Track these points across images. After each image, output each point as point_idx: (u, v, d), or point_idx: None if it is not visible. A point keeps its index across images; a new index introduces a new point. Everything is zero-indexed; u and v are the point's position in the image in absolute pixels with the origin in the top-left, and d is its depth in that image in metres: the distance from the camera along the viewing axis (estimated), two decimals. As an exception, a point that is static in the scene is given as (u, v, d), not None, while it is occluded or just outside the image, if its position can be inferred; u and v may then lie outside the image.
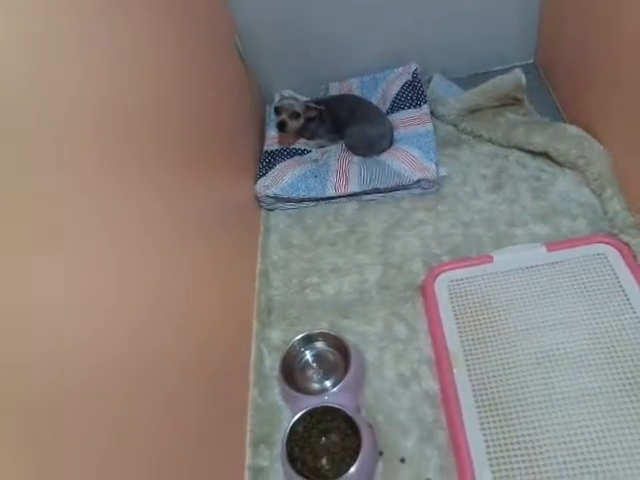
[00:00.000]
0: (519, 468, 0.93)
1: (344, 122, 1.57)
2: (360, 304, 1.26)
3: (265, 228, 1.49)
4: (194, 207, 1.06)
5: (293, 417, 1.04)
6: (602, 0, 1.21)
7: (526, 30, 1.70)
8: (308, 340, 1.17)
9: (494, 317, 1.13)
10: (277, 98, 1.69)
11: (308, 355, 1.17)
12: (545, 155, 1.41)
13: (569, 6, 1.42)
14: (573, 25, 1.43)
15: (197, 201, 1.08)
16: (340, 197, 1.48)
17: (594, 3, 1.26)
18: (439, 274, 1.23)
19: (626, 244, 1.16)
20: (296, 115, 1.54)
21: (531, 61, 1.77)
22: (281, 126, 1.55)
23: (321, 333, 1.17)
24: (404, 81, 1.66)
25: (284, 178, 1.50)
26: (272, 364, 1.20)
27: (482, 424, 0.98)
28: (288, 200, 1.50)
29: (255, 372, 1.18)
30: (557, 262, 1.17)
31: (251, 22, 1.63)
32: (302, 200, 1.50)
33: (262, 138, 1.71)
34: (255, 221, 1.50)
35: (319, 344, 1.17)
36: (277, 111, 1.56)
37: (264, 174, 1.53)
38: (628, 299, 1.08)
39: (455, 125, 1.59)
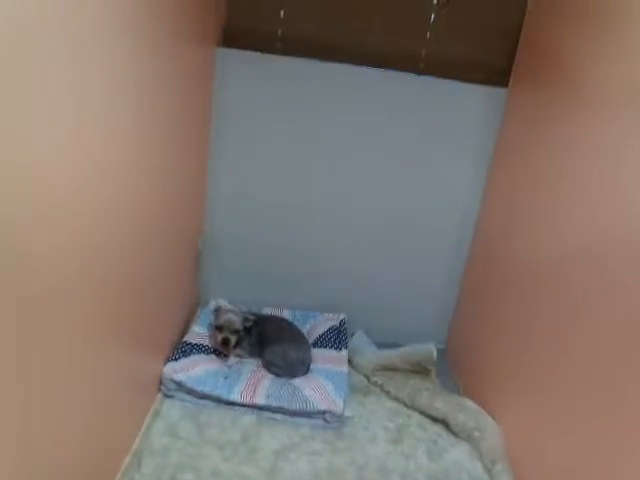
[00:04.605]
0: None
1: (269, 339, 1.63)
2: (231, 517, 1.11)
3: (155, 412, 1.38)
4: (106, 369, 1.03)
5: None
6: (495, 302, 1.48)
7: (441, 321, 1.97)
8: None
9: None
10: (212, 305, 1.76)
11: None
12: (444, 423, 1.47)
13: (473, 309, 1.70)
14: (475, 324, 1.68)
15: (107, 366, 1.04)
16: (242, 406, 1.43)
17: (489, 306, 1.53)
18: (325, 503, 1.13)
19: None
20: (236, 331, 1.60)
21: (442, 347, 1.98)
22: (225, 342, 1.58)
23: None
24: (331, 325, 1.80)
25: (195, 369, 1.47)
26: None
27: None
28: (190, 392, 1.43)
29: None
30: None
31: (216, 233, 1.82)
32: (203, 397, 1.43)
33: (185, 330, 1.71)
34: (147, 402, 1.39)
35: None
36: (219, 328, 1.60)
37: (176, 359, 1.49)
38: None
39: (367, 376, 1.67)
